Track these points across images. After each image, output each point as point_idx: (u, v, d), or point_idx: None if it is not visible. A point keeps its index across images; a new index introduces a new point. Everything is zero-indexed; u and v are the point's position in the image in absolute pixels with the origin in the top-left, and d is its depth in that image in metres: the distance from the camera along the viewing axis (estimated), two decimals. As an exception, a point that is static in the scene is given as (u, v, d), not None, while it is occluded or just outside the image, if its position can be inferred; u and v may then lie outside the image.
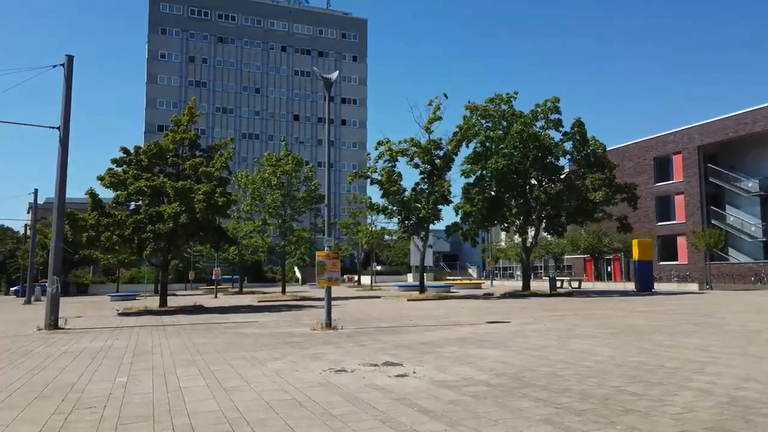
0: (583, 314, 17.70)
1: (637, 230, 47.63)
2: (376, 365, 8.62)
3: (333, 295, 14.67)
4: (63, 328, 16.46)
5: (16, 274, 71.67)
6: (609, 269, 55.98)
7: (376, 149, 30.43)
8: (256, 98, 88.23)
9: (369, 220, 48.54)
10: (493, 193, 30.53)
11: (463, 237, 32.38)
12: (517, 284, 51.18)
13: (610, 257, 53.88)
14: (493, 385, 6.96)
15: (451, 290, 37.32)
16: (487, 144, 29.29)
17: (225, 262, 55.84)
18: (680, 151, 51.02)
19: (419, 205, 29.79)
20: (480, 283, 45.66)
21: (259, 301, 30.52)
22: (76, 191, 59.73)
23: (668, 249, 49.89)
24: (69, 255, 62.31)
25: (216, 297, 38.33)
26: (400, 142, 29.69)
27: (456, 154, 29.74)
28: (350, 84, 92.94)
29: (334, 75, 15.30)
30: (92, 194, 22.78)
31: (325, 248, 14.92)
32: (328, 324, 14.40)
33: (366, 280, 64.76)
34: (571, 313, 18.07)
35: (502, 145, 29.19)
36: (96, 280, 67.62)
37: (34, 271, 67.98)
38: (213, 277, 41.05)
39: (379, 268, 67.68)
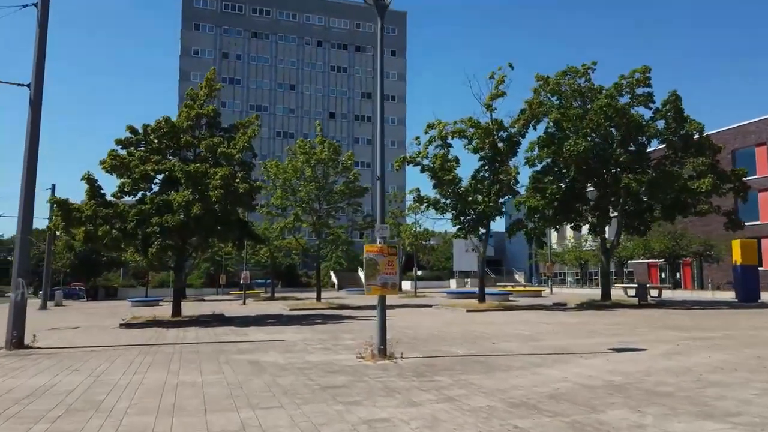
0: (737, 337, 12.61)
1: (713, 232, 41.68)
2: (513, 473, 4.01)
3: (369, 302, 10.17)
4: (29, 347, 12.41)
5: (53, 276, 69.89)
6: (677, 275, 49.78)
7: (426, 132, 25.83)
8: (291, 95, 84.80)
9: (412, 220, 43.77)
10: (566, 183, 25.46)
11: (528, 237, 27.40)
12: (578, 292, 45.72)
13: (679, 262, 47.82)
14: None
15: (510, 298, 32.35)
16: (564, 123, 24.26)
17: (257, 265, 52.17)
18: (765, 143, 44.99)
19: (479, 197, 25.03)
20: (539, 291, 40.36)
21: (290, 310, 26.31)
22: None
23: (752, 253, 43.55)
24: (97, 257, 60.12)
25: (244, 303, 34.40)
26: (455, 122, 25.02)
27: (523, 136, 24.88)
28: (388, 80, 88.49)
29: (390, -4, 10.79)
30: (89, 179, 18.89)
31: (378, 240, 10.40)
32: (383, 350, 9.86)
33: (406, 285, 60.16)
34: (713, 335, 13.00)
35: (578, 126, 24.15)
36: (125, 283, 65.12)
37: (59, 274, 66.12)
38: (241, 282, 37.20)
39: (419, 273, 62.83)
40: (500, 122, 24.86)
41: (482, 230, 25.74)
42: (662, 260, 45.64)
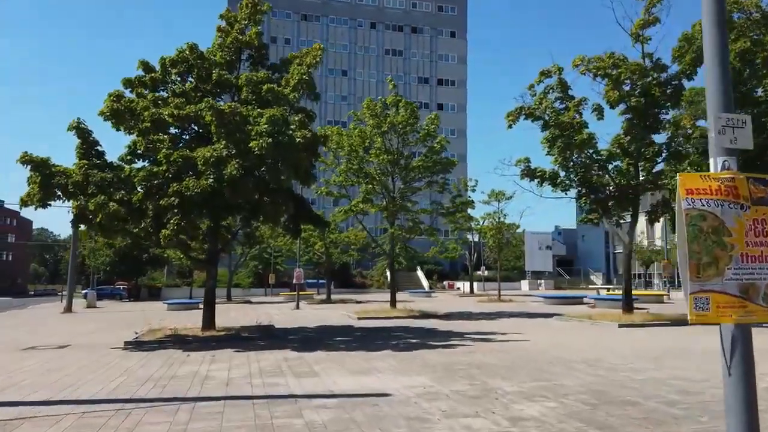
0: None
1: None
2: None
3: (450, 308, 4.14)
4: None
5: (96, 275, 66.43)
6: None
7: (539, 82, 18.92)
8: (343, 81, 78.97)
9: (495, 209, 36.49)
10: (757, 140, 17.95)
11: (672, 226, 20.08)
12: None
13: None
14: None
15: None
16: (759, 54, 16.80)
17: (308, 263, 46.26)
18: None
19: (622, 165, 17.94)
20: (662, 296, 32.43)
21: (359, 318, 19.91)
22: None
23: None
24: (138, 253, 55.70)
25: (297, 308, 28.32)
26: (589, 60, 17.97)
27: (690, 78, 17.60)
28: (447, 63, 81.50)
29: None
30: (80, 129, 12.94)
31: (715, 165, 3.64)
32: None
33: (467, 286, 52.99)
34: None
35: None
36: (170, 282, 60.58)
37: (99, 273, 62.34)
38: (294, 282, 31.21)
39: (486, 273, 55.49)
40: (655, 60, 17.71)
41: (627, 212, 18.57)
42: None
